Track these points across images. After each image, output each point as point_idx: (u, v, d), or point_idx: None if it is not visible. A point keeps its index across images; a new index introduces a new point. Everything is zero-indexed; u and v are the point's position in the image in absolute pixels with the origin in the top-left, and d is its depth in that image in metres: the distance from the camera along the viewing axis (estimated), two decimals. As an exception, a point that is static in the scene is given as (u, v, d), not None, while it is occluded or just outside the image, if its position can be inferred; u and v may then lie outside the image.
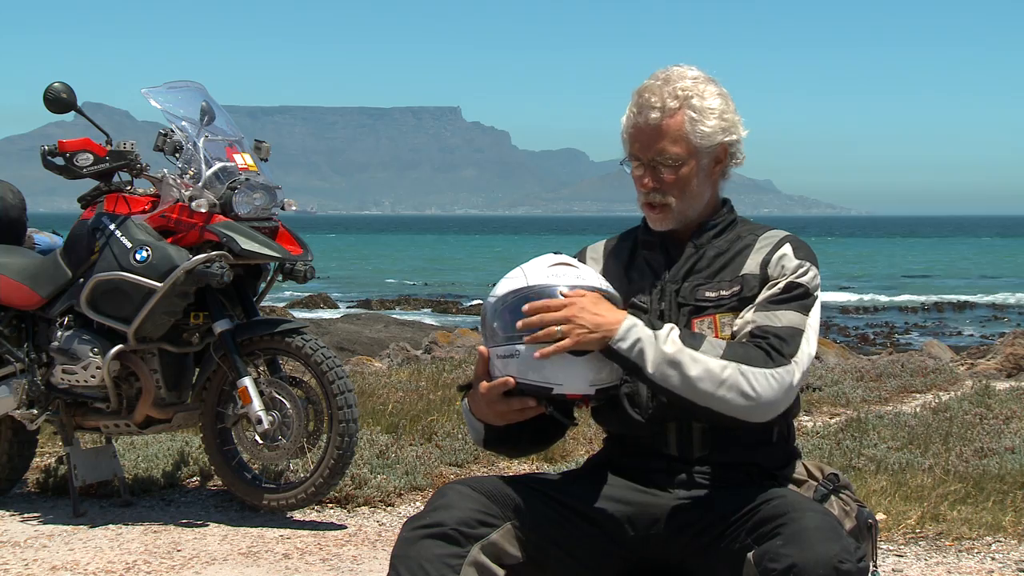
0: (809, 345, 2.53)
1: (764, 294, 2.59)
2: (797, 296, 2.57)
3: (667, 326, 2.50)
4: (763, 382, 2.45)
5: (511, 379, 2.47)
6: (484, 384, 2.53)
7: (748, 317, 2.56)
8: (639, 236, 2.79)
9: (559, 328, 2.43)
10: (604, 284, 2.57)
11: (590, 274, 2.57)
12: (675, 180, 2.65)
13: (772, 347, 2.49)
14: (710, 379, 2.44)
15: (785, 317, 2.54)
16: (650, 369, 2.45)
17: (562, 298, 2.47)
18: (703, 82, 2.68)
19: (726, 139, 2.68)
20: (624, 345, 2.46)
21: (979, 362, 12.43)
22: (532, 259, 2.60)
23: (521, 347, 2.46)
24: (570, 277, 2.52)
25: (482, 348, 2.55)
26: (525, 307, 2.47)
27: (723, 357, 2.46)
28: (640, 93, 2.67)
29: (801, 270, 2.61)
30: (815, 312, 2.59)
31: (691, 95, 2.64)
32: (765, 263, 2.63)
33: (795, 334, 2.52)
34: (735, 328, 2.57)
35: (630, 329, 2.46)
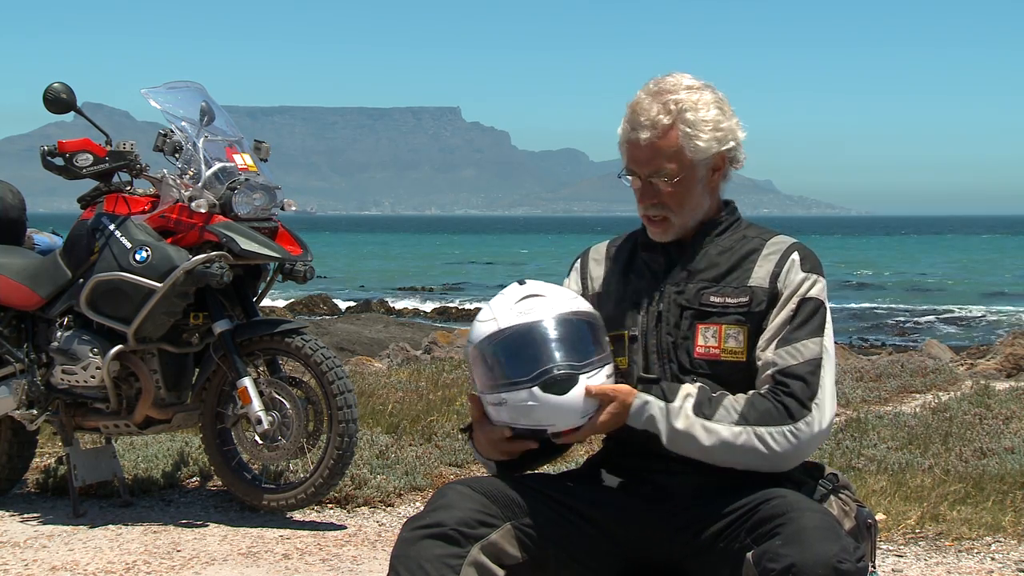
0: (828, 372, 2.56)
1: (778, 319, 2.58)
2: (810, 315, 2.58)
3: (681, 394, 2.53)
4: (780, 440, 2.49)
5: (508, 432, 2.54)
6: (485, 439, 2.60)
7: (768, 357, 2.56)
8: (639, 238, 2.79)
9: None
10: (575, 306, 2.56)
11: (559, 300, 2.56)
12: (672, 194, 2.64)
13: (794, 396, 2.51)
14: (724, 447, 2.49)
15: (805, 350, 2.55)
16: (664, 442, 2.52)
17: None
18: (697, 91, 2.64)
19: (723, 148, 2.66)
20: (638, 425, 2.53)
21: (979, 362, 12.45)
22: (499, 293, 2.60)
23: (507, 395, 2.49)
24: (539, 311, 2.52)
25: (473, 393, 2.60)
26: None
27: (738, 423, 2.49)
28: (632, 109, 2.65)
29: (808, 283, 2.61)
30: (828, 326, 2.61)
31: (685, 108, 2.61)
32: (774, 276, 2.62)
33: (815, 369, 2.54)
34: (758, 362, 2.57)
35: (641, 408, 2.53)
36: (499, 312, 2.54)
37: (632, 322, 2.68)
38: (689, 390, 2.54)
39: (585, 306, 2.60)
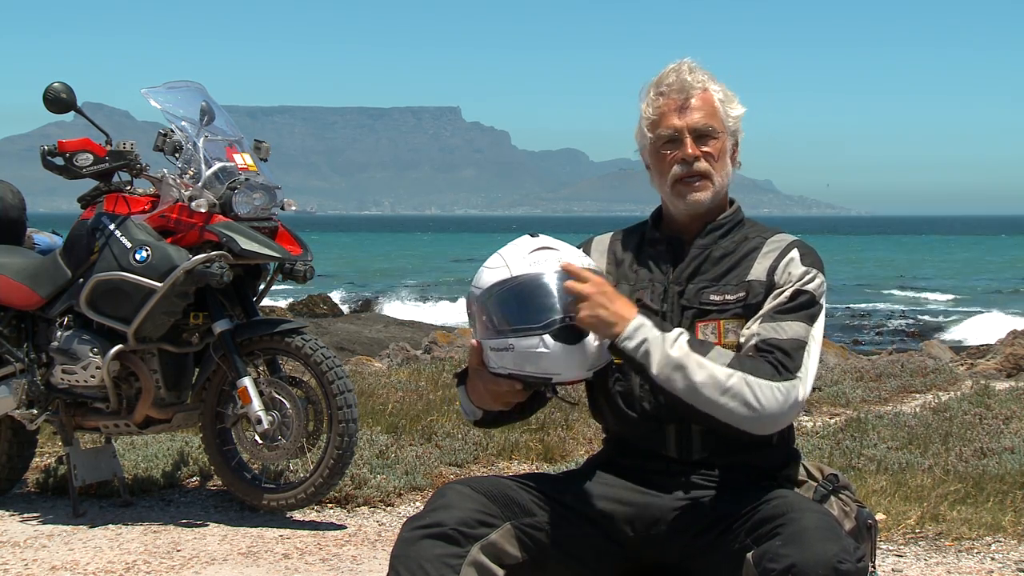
0: (812, 357, 2.53)
1: (771, 303, 2.58)
2: (803, 305, 2.56)
3: (677, 330, 2.50)
4: (768, 394, 2.45)
5: (518, 386, 2.52)
6: (483, 387, 2.57)
7: (754, 328, 2.55)
8: (646, 233, 2.77)
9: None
10: (585, 263, 2.57)
11: (570, 255, 2.57)
12: (714, 151, 2.66)
13: (778, 362, 2.49)
14: (714, 385, 2.44)
15: (790, 329, 2.53)
16: (654, 371, 2.46)
17: (590, 276, 2.48)
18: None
19: (739, 131, 2.71)
20: (630, 344, 2.47)
21: (979, 362, 12.44)
22: (510, 243, 2.60)
23: (515, 340, 2.48)
24: (552, 262, 2.52)
25: (474, 341, 2.57)
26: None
27: (730, 365, 2.46)
28: (662, 79, 2.68)
29: (807, 277, 2.59)
30: (820, 321, 2.58)
31: (711, 81, 2.68)
32: (772, 269, 2.61)
33: (799, 347, 2.51)
34: (741, 339, 2.56)
35: (638, 329, 2.47)
36: (511, 260, 2.53)
37: None
38: (681, 330, 2.52)
39: (592, 264, 2.61)
